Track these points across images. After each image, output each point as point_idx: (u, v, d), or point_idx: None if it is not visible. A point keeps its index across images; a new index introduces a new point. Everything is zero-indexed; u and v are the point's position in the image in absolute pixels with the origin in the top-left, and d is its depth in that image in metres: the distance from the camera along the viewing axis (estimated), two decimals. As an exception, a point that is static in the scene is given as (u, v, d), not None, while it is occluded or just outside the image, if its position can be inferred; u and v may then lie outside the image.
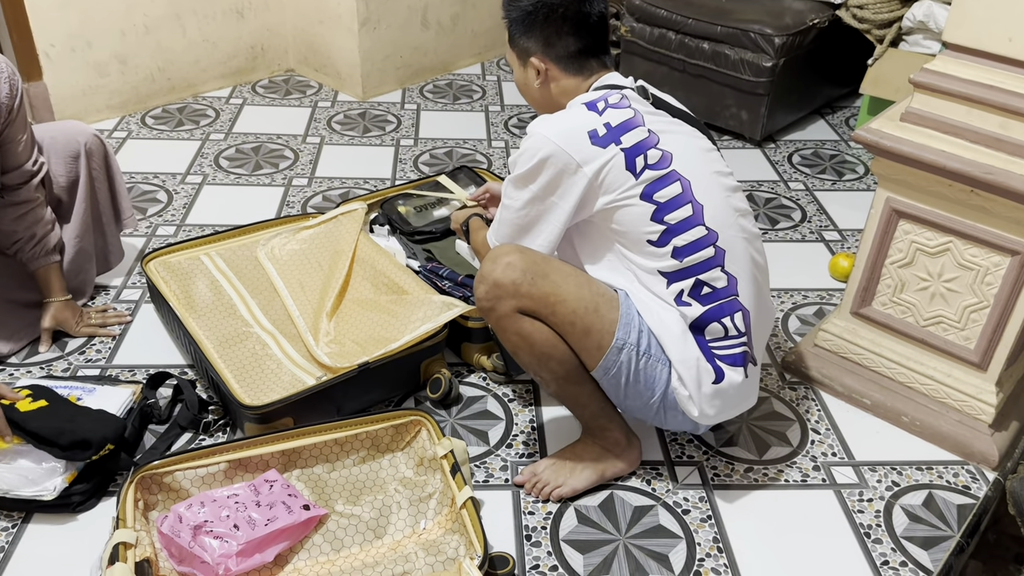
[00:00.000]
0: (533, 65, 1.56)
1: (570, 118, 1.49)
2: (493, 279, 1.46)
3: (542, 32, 1.53)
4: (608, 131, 1.45)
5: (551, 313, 1.46)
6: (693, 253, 1.45)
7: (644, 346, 1.47)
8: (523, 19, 1.54)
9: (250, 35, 3.25)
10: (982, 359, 1.68)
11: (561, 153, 1.44)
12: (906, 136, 1.61)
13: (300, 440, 1.55)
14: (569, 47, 1.54)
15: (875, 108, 2.85)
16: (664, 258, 1.46)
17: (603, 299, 1.47)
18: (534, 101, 1.64)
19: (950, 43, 1.58)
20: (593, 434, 1.61)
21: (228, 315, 1.91)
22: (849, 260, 2.23)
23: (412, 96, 3.28)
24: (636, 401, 1.53)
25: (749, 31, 2.78)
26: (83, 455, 1.51)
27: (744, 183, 2.74)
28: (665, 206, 1.44)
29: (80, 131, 1.98)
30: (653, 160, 1.45)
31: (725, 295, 1.48)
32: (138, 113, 3.02)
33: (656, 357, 1.48)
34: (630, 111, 1.47)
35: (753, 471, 1.68)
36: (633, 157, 1.44)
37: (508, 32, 1.59)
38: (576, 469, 1.60)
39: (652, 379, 1.49)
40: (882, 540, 1.55)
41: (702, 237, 1.46)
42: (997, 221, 1.57)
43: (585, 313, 1.45)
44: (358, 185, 2.63)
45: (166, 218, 2.41)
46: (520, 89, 1.65)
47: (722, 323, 1.48)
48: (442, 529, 1.50)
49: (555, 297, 1.45)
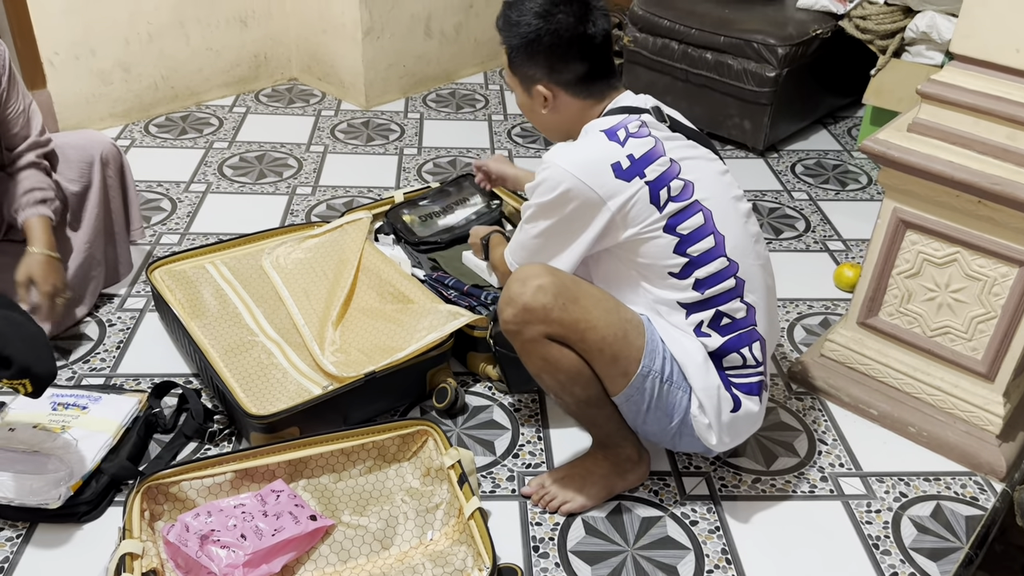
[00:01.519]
0: (539, 92, 1.51)
1: (591, 149, 1.43)
2: (523, 303, 1.41)
3: (546, 58, 1.48)
4: (632, 163, 1.41)
5: (580, 339, 1.42)
6: (715, 285, 1.44)
7: (667, 373, 1.46)
8: (524, 46, 1.48)
9: (253, 44, 3.26)
10: (989, 370, 1.68)
11: (584, 188, 1.40)
12: (913, 147, 1.61)
13: (306, 450, 1.55)
14: (576, 72, 1.48)
15: (878, 118, 2.86)
16: (685, 290, 1.45)
17: (631, 325, 1.44)
18: (543, 127, 1.59)
19: (958, 54, 1.58)
20: (606, 449, 1.60)
21: (233, 324, 1.90)
22: (854, 270, 2.23)
23: (415, 105, 3.29)
24: (654, 426, 1.51)
25: (752, 41, 2.78)
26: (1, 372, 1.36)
27: (747, 193, 2.74)
28: (688, 238, 1.42)
29: (97, 140, 1.99)
30: (676, 191, 1.42)
31: (744, 325, 1.47)
32: (141, 121, 3.03)
33: (677, 384, 1.47)
34: (651, 140, 1.43)
35: (761, 482, 1.68)
36: (657, 190, 1.41)
37: (508, 57, 1.53)
38: (586, 485, 1.59)
39: (672, 406, 1.48)
40: (890, 551, 1.55)
41: (724, 268, 1.44)
42: (1004, 232, 1.57)
43: (614, 340, 1.42)
44: (362, 194, 2.63)
45: (170, 226, 2.41)
46: (526, 114, 1.60)
47: (740, 353, 1.48)
48: (449, 540, 1.49)
49: (585, 324, 1.41)
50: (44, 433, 1.57)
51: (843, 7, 2.92)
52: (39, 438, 1.56)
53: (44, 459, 1.52)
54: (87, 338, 1.97)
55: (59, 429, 1.58)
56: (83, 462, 1.53)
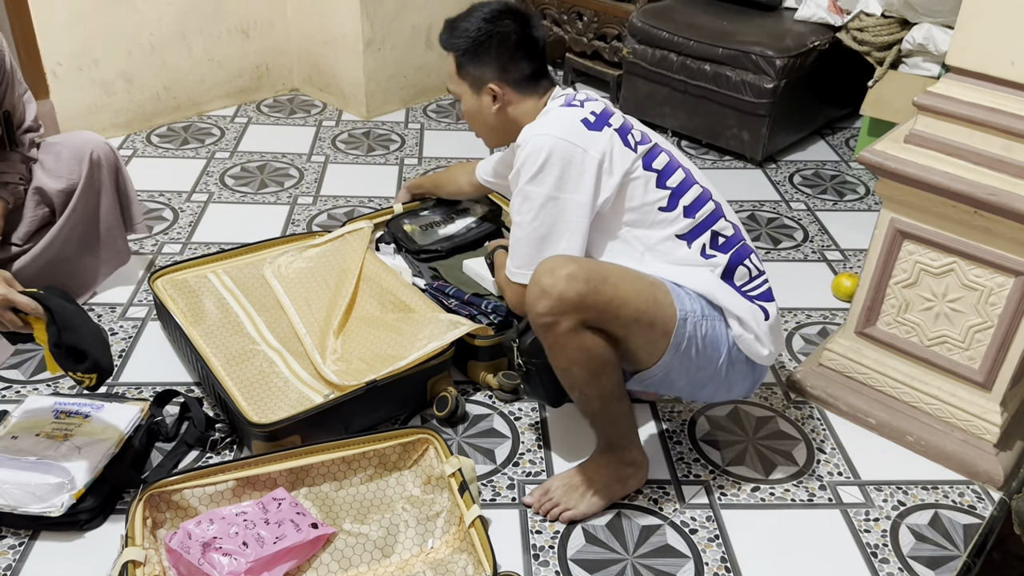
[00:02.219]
0: (489, 91, 1.63)
1: (558, 115, 1.57)
2: (557, 293, 1.38)
3: (497, 59, 1.61)
4: (596, 117, 1.56)
5: (615, 317, 1.41)
6: (699, 208, 1.56)
7: (699, 309, 1.49)
8: (475, 48, 1.62)
9: (255, 55, 3.28)
10: (986, 379, 1.69)
11: (566, 145, 1.50)
12: (910, 158, 1.63)
13: (308, 458, 1.55)
14: (524, 71, 1.62)
15: (875, 129, 2.88)
16: (677, 220, 1.54)
17: (655, 287, 1.47)
18: (487, 127, 1.70)
19: (953, 66, 1.60)
20: (612, 452, 1.61)
21: (235, 333, 1.91)
22: (852, 280, 2.25)
23: (416, 115, 3.31)
24: (708, 369, 1.52)
25: (750, 53, 2.80)
26: (73, 365, 1.45)
27: (746, 203, 2.76)
28: (663, 172, 1.55)
29: (90, 140, 2.02)
30: (638, 137, 1.57)
31: (736, 241, 1.58)
32: (143, 131, 3.04)
33: (712, 316, 1.51)
34: (602, 103, 1.60)
35: (760, 490, 1.69)
36: (624, 135, 1.55)
37: (456, 63, 1.65)
38: (588, 493, 1.60)
39: (716, 339, 1.51)
40: (889, 560, 1.55)
41: (700, 194, 1.57)
42: (1001, 242, 1.58)
43: (647, 307, 1.43)
44: (363, 204, 2.64)
45: (172, 236, 2.42)
46: (471, 117, 1.71)
47: (745, 266, 1.57)
48: (450, 548, 1.50)
49: (619, 300, 1.41)
50: (47, 441, 1.58)
51: (840, 19, 2.94)
52: (42, 446, 1.57)
53: (47, 467, 1.53)
54: (89, 347, 1.98)
55: (61, 437, 1.59)
56: (85, 470, 1.53)
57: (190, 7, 3.02)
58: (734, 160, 3.04)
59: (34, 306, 1.44)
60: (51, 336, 1.44)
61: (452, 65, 1.67)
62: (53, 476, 1.51)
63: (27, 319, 1.45)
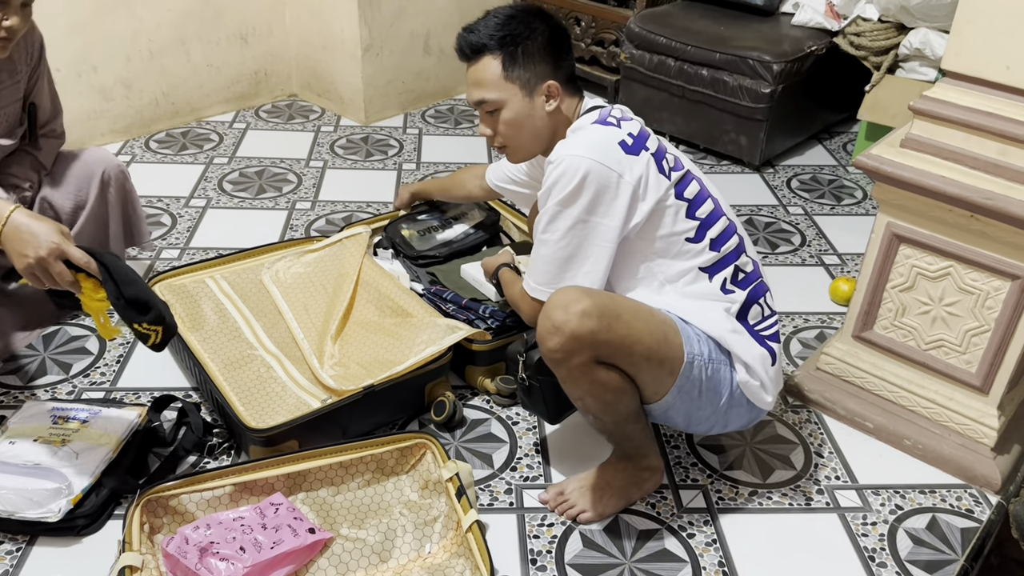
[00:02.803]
0: (544, 90, 1.53)
1: (595, 134, 1.48)
2: (570, 331, 1.35)
3: (551, 54, 1.52)
4: (634, 140, 1.49)
5: (628, 354, 1.40)
6: (725, 242, 1.53)
7: (707, 353, 1.48)
8: (526, 46, 1.50)
9: (254, 60, 3.29)
10: (984, 383, 1.69)
11: (601, 168, 1.43)
12: (906, 162, 1.63)
13: (305, 463, 1.55)
14: (570, 66, 1.57)
15: (873, 134, 2.88)
16: (703, 252, 1.51)
17: (667, 326, 1.45)
18: (534, 133, 1.56)
19: (949, 71, 1.60)
20: (629, 459, 1.60)
21: (233, 338, 1.91)
22: (849, 284, 2.25)
23: (414, 121, 3.31)
24: (707, 409, 1.51)
25: (748, 58, 2.81)
26: (138, 316, 1.43)
27: (744, 208, 2.76)
28: (694, 202, 1.51)
29: (102, 158, 2.02)
30: (672, 163, 1.52)
31: (755, 278, 1.56)
32: (142, 137, 3.05)
33: (719, 360, 1.49)
34: (637, 122, 1.54)
35: (757, 495, 1.69)
36: (660, 160, 1.50)
37: (501, 65, 1.51)
38: (604, 496, 1.60)
39: (719, 382, 1.50)
40: (886, 564, 1.55)
41: (727, 227, 1.54)
42: (997, 246, 1.58)
43: (658, 347, 1.42)
44: (361, 209, 2.64)
45: (170, 241, 2.42)
46: (518, 124, 1.55)
47: (759, 304, 1.55)
48: (447, 553, 1.50)
49: (631, 339, 1.39)
50: (44, 446, 1.58)
51: (838, 24, 2.95)
52: (39, 451, 1.57)
53: (44, 472, 1.53)
54: (87, 352, 1.98)
55: (59, 442, 1.59)
56: (83, 475, 1.53)
57: (189, 13, 3.03)
58: (732, 165, 3.04)
59: (87, 259, 1.41)
60: (110, 292, 1.41)
61: (491, 70, 1.52)
62: (50, 481, 1.51)
63: (78, 276, 1.43)
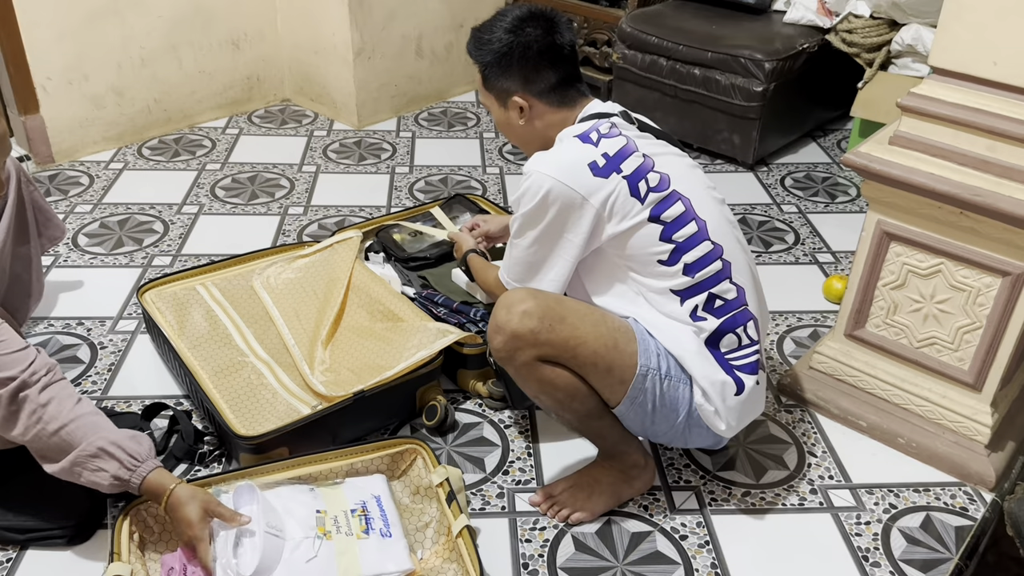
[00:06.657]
0: (515, 104, 1.58)
1: (567, 153, 1.50)
2: (511, 330, 1.43)
3: (520, 70, 1.56)
4: (607, 161, 1.47)
5: (572, 356, 1.44)
6: (703, 268, 1.48)
7: (665, 368, 1.47)
8: (497, 61, 1.57)
9: (246, 66, 3.28)
10: (976, 380, 1.69)
11: (563, 188, 1.45)
12: (895, 159, 1.63)
13: (295, 470, 1.55)
14: (549, 80, 1.57)
15: (866, 130, 2.87)
16: (675, 276, 1.48)
17: (619, 333, 1.47)
18: (519, 139, 1.65)
19: (937, 67, 1.60)
20: (612, 458, 1.61)
21: (223, 345, 1.91)
22: (843, 282, 2.24)
23: (407, 124, 3.31)
24: (663, 425, 1.52)
25: (739, 57, 2.80)
26: None
27: (737, 206, 2.75)
28: (672, 225, 1.48)
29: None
30: (654, 183, 1.48)
31: (736, 306, 1.51)
32: (134, 144, 3.04)
33: (677, 377, 1.48)
34: (623, 139, 1.51)
35: (750, 495, 1.68)
36: (635, 183, 1.47)
37: (482, 76, 1.61)
38: (594, 494, 1.60)
39: (676, 400, 1.49)
40: (880, 563, 1.55)
41: (710, 251, 1.49)
42: (987, 242, 1.58)
43: (606, 351, 1.44)
44: (354, 213, 2.64)
45: (162, 248, 2.42)
46: (503, 129, 1.67)
47: (736, 334, 1.51)
48: (439, 559, 1.49)
49: (575, 340, 1.43)
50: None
51: (829, 21, 2.94)
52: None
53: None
54: (78, 361, 1.97)
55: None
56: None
57: (180, 20, 3.02)
58: (725, 163, 3.04)
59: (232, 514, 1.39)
60: None
61: (479, 78, 1.62)
62: (40, 492, 1.50)
63: None
